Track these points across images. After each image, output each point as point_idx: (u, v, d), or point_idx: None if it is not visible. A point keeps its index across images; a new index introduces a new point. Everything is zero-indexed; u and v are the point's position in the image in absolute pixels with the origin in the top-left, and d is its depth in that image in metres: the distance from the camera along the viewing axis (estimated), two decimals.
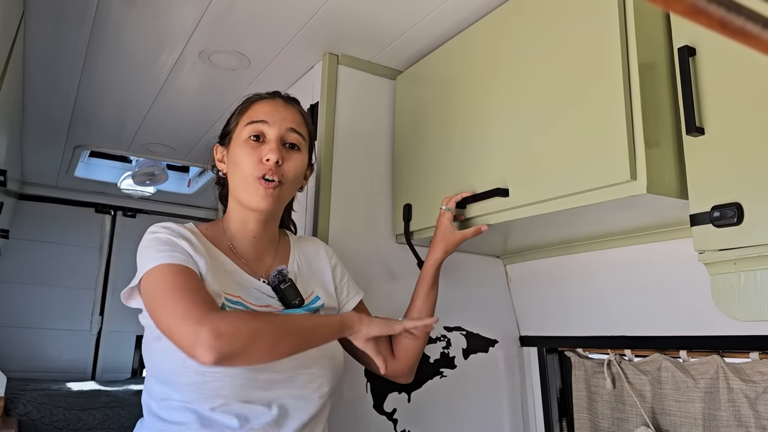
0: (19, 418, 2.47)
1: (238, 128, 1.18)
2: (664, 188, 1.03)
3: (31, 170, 3.06)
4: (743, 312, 0.96)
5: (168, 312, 0.95)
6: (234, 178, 1.16)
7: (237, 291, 1.10)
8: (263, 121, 1.16)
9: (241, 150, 1.15)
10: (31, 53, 1.78)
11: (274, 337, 0.95)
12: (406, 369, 1.32)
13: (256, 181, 1.12)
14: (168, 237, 1.06)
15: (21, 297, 3.22)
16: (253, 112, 1.18)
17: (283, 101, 1.23)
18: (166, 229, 1.08)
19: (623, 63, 1.06)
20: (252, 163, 1.12)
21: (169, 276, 0.99)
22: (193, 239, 1.09)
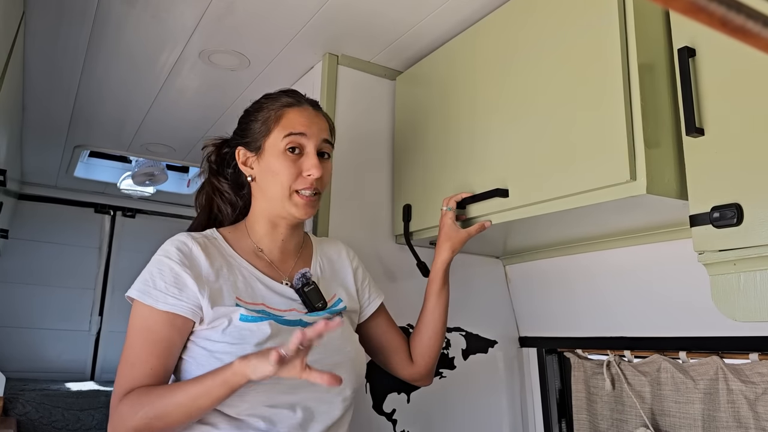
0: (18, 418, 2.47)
1: (273, 137, 1.17)
2: (663, 189, 1.03)
3: (30, 170, 3.06)
4: (743, 313, 0.96)
5: (120, 363, 1.05)
6: (269, 186, 1.17)
7: (259, 297, 1.12)
8: (302, 134, 1.16)
9: (280, 162, 1.15)
10: (31, 53, 1.78)
11: (161, 425, 0.98)
12: (424, 372, 1.35)
13: (295, 194, 1.15)
14: (175, 269, 1.07)
15: (20, 297, 3.22)
16: (290, 122, 1.17)
17: (314, 110, 1.22)
18: (179, 253, 1.09)
19: (623, 63, 1.06)
20: (292, 176, 1.14)
21: (144, 325, 1.05)
22: (203, 256, 1.10)
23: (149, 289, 1.06)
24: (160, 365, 1.04)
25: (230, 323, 1.05)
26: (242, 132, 1.23)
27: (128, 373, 1.02)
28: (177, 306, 1.05)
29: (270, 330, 1.07)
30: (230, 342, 1.04)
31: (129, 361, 1.03)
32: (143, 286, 1.07)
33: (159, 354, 1.04)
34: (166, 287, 1.06)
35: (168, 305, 1.05)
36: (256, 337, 1.05)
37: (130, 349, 1.04)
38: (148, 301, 1.05)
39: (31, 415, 2.50)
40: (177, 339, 1.06)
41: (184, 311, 1.05)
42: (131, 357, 1.03)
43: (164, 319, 1.05)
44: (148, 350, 1.03)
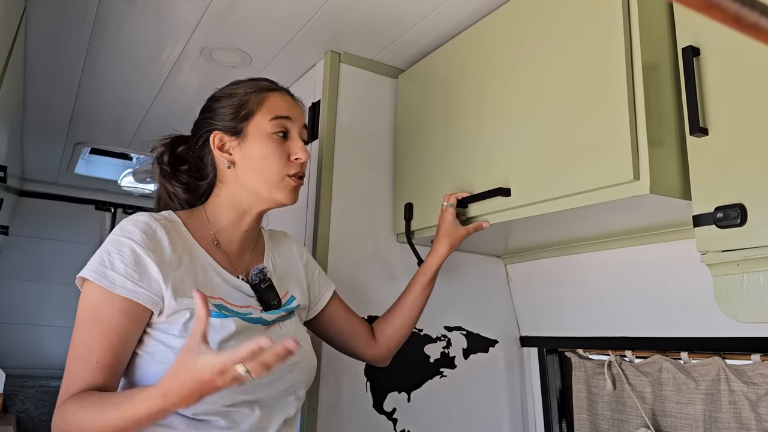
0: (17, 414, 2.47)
1: (258, 120, 1.12)
2: (667, 189, 1.03)
3: (31, 167, 3.05)
4: (746, 313, 0.96)
5: (68, 358, 0.94)
6: (255, 172, 1.11)
7: (218, 291, 1.05)
8: (287, 117, 1.14)
9: (267, 146, 1.11)
10: (33, 49, 1.78)
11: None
12: (386, 354, 1.35)
13: (285, 178, 1.11)
14: (137, 251, 0.98)
15: (20, 294, 3.22)
16: (274, 106, 1.13)
17: (289, 96, 1.19)
18: (143, 235, 1.00)
19: (627, 63, 1.06)
20: (281, 161, 1.11)
21: (96, 312, 0.95)
22: (167, 240, 1.02)
23: (105, 269, 0.95)
24: (108, 358, 0.93)
25: (192, 317, 0.98)
26: (215, 116, 1.15)
27: (74, 371, 0.92)
28: (136, 293, 0.95)
29: (235, 327, 1.01)
30: (176, 344, 0.97)
31: (76, 355, 0.93)
32: (99, 266, 0.96)
33: (109, 346, 0.93)
34: (125, 270, 0.95)
35: (126, 290, 0.95)
36: (220, 335, 0.99)
37: (78, 341, 0.93)
38: (104, 282, 0.94)
39: (31, 411, 2.50)
40: (131, 331, 0.96)
41: (143, 300, 0.96)
42: (78, 350, 0.93)
43: (120, 306, 0.94)
44: (99, 341, 0.93)
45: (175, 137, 1.22)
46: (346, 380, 1.49)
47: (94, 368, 0.92)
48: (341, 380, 1.48)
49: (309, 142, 1.69)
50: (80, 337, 0.94)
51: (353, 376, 1.50)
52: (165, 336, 0.98)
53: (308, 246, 1.57)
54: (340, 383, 1.48)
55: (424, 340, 1.62)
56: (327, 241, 1.54)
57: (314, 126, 1.68)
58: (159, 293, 0.97)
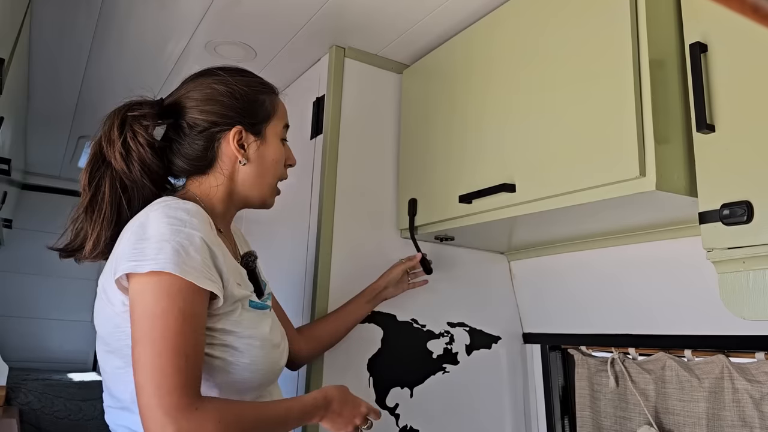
0: (20, 407, 2.48)
1: (275, 124, 1.15)
2: (673, 185, 1.02)
3: (34, 160, 3.06)
4: (751, 311, 0.95)
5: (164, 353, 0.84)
6: (264, 174, 1.12)
7: (239, 278, 1.04)
8: (288, 125, 1.19)
9: (279, 151, 1.15)
10: (37, 42, 1.77)
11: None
12: (307, 356, 1.38)
13: (276, 184, 1.16)
14: (206, 242, 0.93)
15: (23, 287, 3.23)
16: (283, 112, 1.18)
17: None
18: (206, 226, 0.95)
19: (634, 59, 1.05)
20: (283, 167, 1.17)
21: (189, 307, 0.88)
22: (215, 230, 1.00)
23: (185, 263, 0.88)
24: (203, 354, 0.90)
25: (243, 309, 0.99)
26: (229, 109, 1.09)
27: (185, 368, 0.84)
28: (214, 285, 0.92)
29: (269, 319, 1.06)
30: (247, 330, 0.98)
31: (181, 352, 0.84)
32: (177, 259, 0.88)
33: (204, 342, 0.90)
34: (202, 262, 0.91)
35: (208, 282, 0.90)
36: (264, 328, 1.02)
37: (179, 336, 0.85)
38: (190, 276, 0.88)
39: (34, 404, 2.51)
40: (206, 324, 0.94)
41: (219, 291, 0.93)
42: (183, 347, 0.85)
43: (204, 299, 0.90)
44: (199, 339, 0.88)
45: (162, 105, 1.14)
46: (349, 375, 1.49)
47: (201, 364, 0.88)
48: (344, 375, 1.48)
49: (313, 137, 1.69)
50: (180, 332, 0.86)
51: (356, 371, 1.50)
52: (223, 328, 0.96)
53: (311, 241, 1.57)
54: (342, 378, 1.48)
55: (426, 335, 1.62)
56: (330, 236, 1.54)
57: (318, 121, 1.67)
58: (222, 283, 0.95)
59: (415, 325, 1.60)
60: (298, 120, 1.74)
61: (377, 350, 1.53)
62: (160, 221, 0.92)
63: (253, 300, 1.03)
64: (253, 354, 0.98)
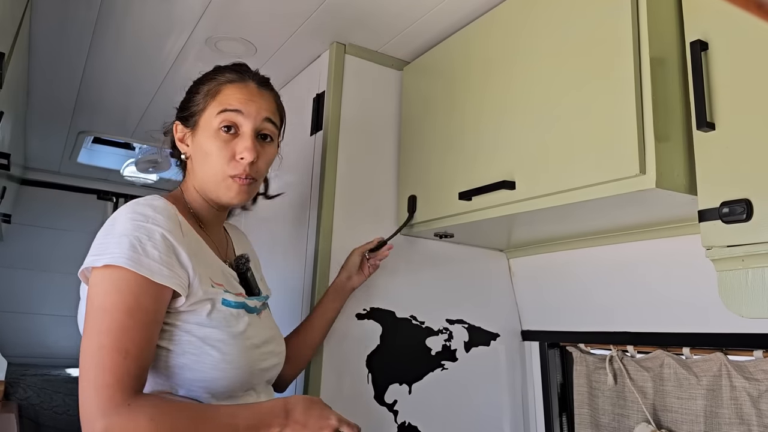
0: (19, 402, 2.48)
1: (207, 113, 1.06)
2: (673, 183, 1.02)
3: (34, 155, 3.05)
4: (750, 309, 0.95)
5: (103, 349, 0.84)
6: (202, 167, 1.07)
7: (221, 279, 1.02)
8: (237, 111, 1.05)
9: (211, 142, 1.04)
10: (37, 36, 1.77)
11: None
12: (294, 373, 1.34)
13: (228, 179, 1.05)
14: (167, 237, 0.93)
15: (22, 282, 3.22)
16: (225, 98, 1.06)
17: (257, 86, 1.10)
18: (168, 220, 0.94)
19: (635, 57, 1.05)
20: (224, 159, 1.04)
21: (137, 302, 0.87)
22: (186, 224, 0.99)
23: (140, 257, 0.88)
24: (151, 355, 0.88)
25: (213, 307, 0.96)
26: (182, 104, 1.12)
27: (122, 364, 0.83)
28: (172, 279, 0.90)
29: (248, 319, 1.02)
30: (217, 328, 0.96)
31: (121, 347, 0.84)
32: (131, 253, 0.87)
33: (152, 339, 0.88)
34: (160, 257, 0.90)
35: (164, 277, 0.89)
36: (238, 326, 0.99)
37: (121, 330, 0.84)
38: (143, 271, 0.87)
39: (32, 399, 2.51)
40: (161, 321, 0.91)
41: (178, 286, 0.91)
42: (123, 342, 0.84)
43: (158, 295, 0.89)
44: (143, 335, 0.86)
45: None
46: (348, 371, 1.49)
47: (142, 364, 0.86)
48: (343, 371, 1.48)
49: (313, 133, 1.68)
50: (123, 327, 0.85)
51: (355, 367, 1.50)
52: (190, 325, 0.94)
53: (311, 237, 1.57)
54: (341, 374, 1.48)
55: (425, 332, 1.62)
56: (330, 232, 1.54)
57: (318, 117, 1.67)
58: (188, 280, 0.94)
59: (414, 322, 1.61)
60: (297, 116, 1.74)
61: (376, 346, 1.54)
62: (125, 217, 0.92)
63: (227, 299, 0.99)
64: (223, 351, 0.95)
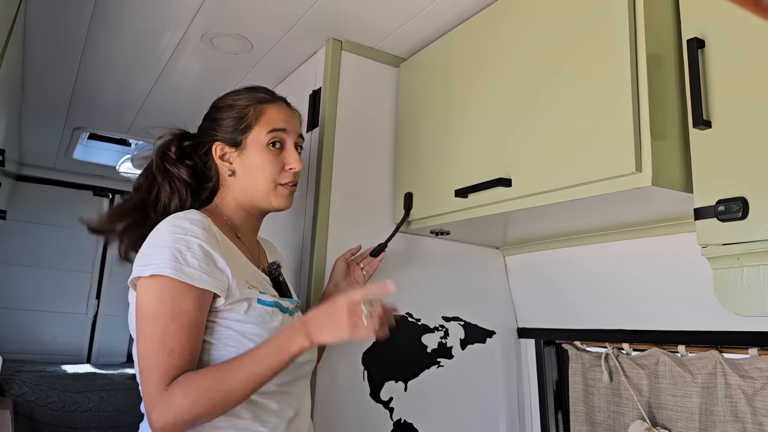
0: (14, 399, 2.47)
1: (255, 132, 1.21)
2: (669, 181, 1.02)
3: (29, 151, 3.04)
4: (745, 307, 0.96)
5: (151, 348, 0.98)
6: (252, 180, 1.21)
7: (253, 281, 1.13)
8: (283, 130, 1.23)
9: (264, 157, 1.21)
10: (32, 31, 1.76)
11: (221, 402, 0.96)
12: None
13: (279, 187, 1.22)
14: (204, 246, 1.04)
15: (17, 279, 3.21)
16: (271, 118, 1.22)
17: (288, 107, 1.28)
18: (203, 231, 1.06)
19: (631, 54, 1.05)
20: (276, 171, 1.21)
21: (179, 306, 0.99)
22: (220, 234, 1.10)
23: (181, 266, 1.00)
24: (197, 350, 1.01)
25: (250, 306, 1.08)
26: (217, 127, 1.24)
27: (166, 360, 0.96)
28: (212, 284, 1.02)
29: (281, 317, 1.12)
30: (254, 324, 1.07)
31: (166, 346, 0.97)
32: (174, 263, 1.00)
33: (195, 338, 1.00)
34: (199, 265, 1.02)
35: (204, 282, 1.01)
36: (273, 323, 1.10)
37: (165, 332, 0.97)
38: (183, 278, 0.99)
39: (28, 396, 2.50)
40: (205, 320, 1.04)
41: (218, 289, 1.03)
42: (168, 342, 0.97)
43: (199, 298, 1.01)
44: (187, 334, 0.99)
45: (185, 131, 1.29)
46: (343, 368, 1.49)
47: (188, 359, 0.98)
48: (338, 368, 1.48)
49: (309, 130, 1.68)
50: (167, 330, 0.97)
51: (350, 364, 1.50)
52: (230, 322, 1.06)
53: (307, 234, 1.57)
54: (337, 371, 1.48)
55: (421, 329, 1.62)
56: (326, 229, 1.54)
57: (315, 114, 1.67)
58: (227, 282, 1.05)
59: (410, 319, 1.61)
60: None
61: (372, 344, 1.53)
62: (165, 230, 1.05)
63: (262, 298, 1.10)
64: (232, 344, 1.05)
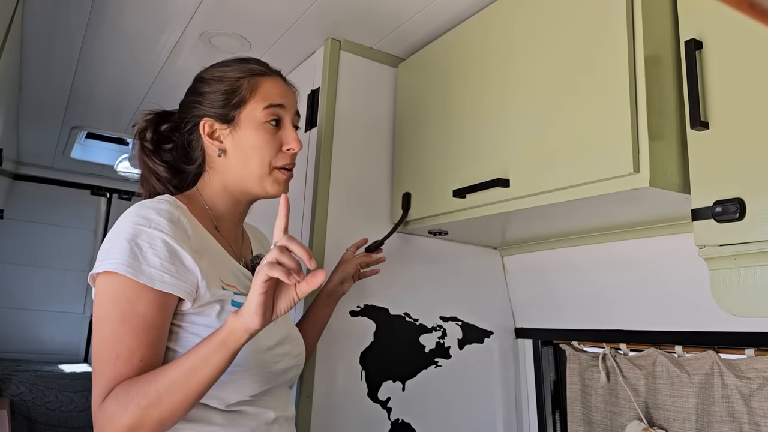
0: (11, 398, 2.47)
1: (250, 107, 1.08)
2: (666, 182, 1.03)
3: (26, 150, 3.03)
4: (742, 308, 0.96)
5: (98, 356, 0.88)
6: (246, 161, 1.08)
7: (232, 279, 1.02)
8: (281, 106, 1.09)
9: (260, 135, 1.07)
10: (29, 30, 1.76)
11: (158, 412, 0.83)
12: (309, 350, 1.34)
13: (275, 171, 1.09)
14: (169, 242, 0.92)
15: (14, 278, 3.21)
16: (268, 93, 1.09)
17: (285, 81, 1.15)
18: (170, 224, 0.94)
19: (629, 55, 1.05)
20: (273, 151, 1.08)
21: (132, 309, 0.88)
22: (190, 228, 0.98)
23: (140, 264, 0.89)
24: (151, 356, 0.89)
25: (222, 309, 0.96)
26: (204, 101, 1.10)
27: (112, 368, 0.86)
28: (175, 286, 0.90)
29: None
30: None
31: (113, 352, 0.86)
32: (131, 260, 0.89)
33: (151, 343, 0.88)
34: (161, 264, 0.90)
35: (166, 284, 0.90)
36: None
37: (114, 338, 0.87)
38: (142, 279, 0.88)
39: (25, 396, 2.50)
40: (167, 324, 0.92)
41: (182, 292, 0.91)
42: (115, 348, 0.86)
43: (158, 301, 0.89)
44: (139, 339, 0.87)
45: (159, 113, 1.16)
46: (341, 368, 1.49)
47: (138, 366, 0.87)
48: (336, 368, 1.48)
49: (308, 129, 1.68)
50: (116, 335, 0.87)
51: (348, 364, 1.50)
52: (198, 327, 0.94)
53: (305, 234, 1.57)
54: (335, 371, 1.48)
55: (419, 329, 1.62)
56: (324, 229, 1.53)
57: (313, 113, 1.67)
58: (195, 284, 0.94)
59: (407, 319, 1.61)
60: None
61: (369, 344, 1.54)
62: (128, 221, 0.94)
63: (236, 300, 0.99)
64: None
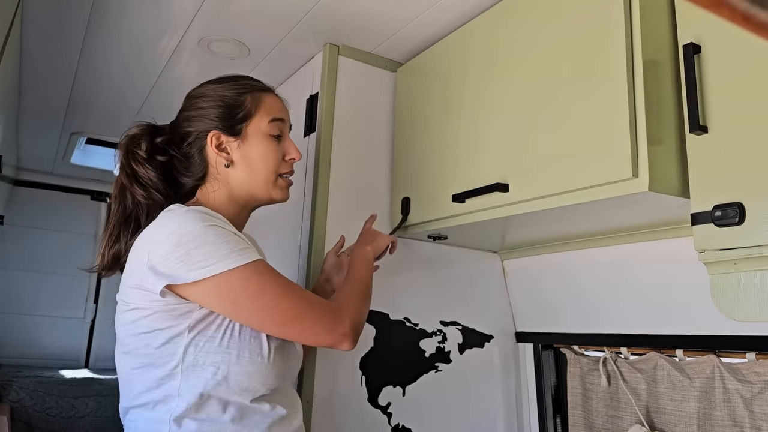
0: (11, 404, 2.47)
1: (257, 121, 1.17)
2: (665, 186, 1.03)
3: (26, 156, 3.04)
4: (742, 312, 0.96)
5: (291, 312, 1.02)
6: (254, 171, 1.16)
7: None
8: (282, 120, 1.20)
9: (267, 146, 1.17)
10: (29, 36, 1.76)
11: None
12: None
13: (279, 179, 1.20)
14: (228, 230, 1.02)
15: (15, 283, 3.20)
16: (271, 108, 1.19)
17: (279, 97, 1.25)
18: (217, 218, 1.04)
19: (627, 59, 1.05)
20: (278, 161, 1.18)
21: (273, 277, 1.03)
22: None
23: (234, 252, 0.99)
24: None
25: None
26: (207, 116, 1.17)
27: (305, 294, 1.07)
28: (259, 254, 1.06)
29: None
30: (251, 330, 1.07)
31: (303, 301, 1.04)
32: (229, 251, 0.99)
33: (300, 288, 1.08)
34: (239, 244, 1.01)
35: (256, 254, 1.03)
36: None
37: (291, 294, 1.03)
38: (253, 257, 1.01)
39: (25, 402, 2.50)
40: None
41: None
42: (290, 288, 1.04)
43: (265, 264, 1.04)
44: (294, 286, 1.05)
45: (154, 126, 1.23)
46: (341, 373, 1.49)
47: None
48: (336, 373, 1.48)
49: (307, 134, 1.68)
50: (283, 296, 1.02)
51: (348, 369, 1.50)
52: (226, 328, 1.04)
53: (304, 238, 1.57)
54: (335, 376, 1.48)
55: (419, 334, 1.62)
56: (323, 234, 1.53)
57: (312, 119, 1.67)
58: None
59: (407, 324, 1.60)
60: (291, 118, 1.73)
61: (370, 349, 1.53)
62: (197, 226, 0.99)
63: None
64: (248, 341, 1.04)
